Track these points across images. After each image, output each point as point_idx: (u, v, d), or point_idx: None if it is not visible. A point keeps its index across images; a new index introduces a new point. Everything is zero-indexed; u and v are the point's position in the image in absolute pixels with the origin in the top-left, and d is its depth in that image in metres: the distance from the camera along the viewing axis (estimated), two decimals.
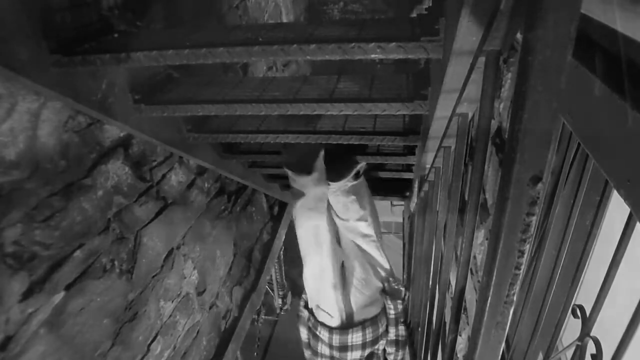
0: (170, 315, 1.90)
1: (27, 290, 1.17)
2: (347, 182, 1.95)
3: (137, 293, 1.65)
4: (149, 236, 1.69)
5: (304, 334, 2.26)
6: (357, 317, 2.10)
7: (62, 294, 1.28)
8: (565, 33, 0.37)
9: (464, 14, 0.60)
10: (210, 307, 2.30)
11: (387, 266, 2.21)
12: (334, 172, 1.93)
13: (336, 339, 2.07)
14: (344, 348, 2.07)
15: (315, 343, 2.17)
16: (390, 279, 2.22)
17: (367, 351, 2.12)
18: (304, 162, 1.87)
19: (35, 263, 1.19)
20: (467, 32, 0.64)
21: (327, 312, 2.12)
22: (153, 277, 1.75)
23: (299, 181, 1.92)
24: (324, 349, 2.13)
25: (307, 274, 2.18)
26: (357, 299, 2.10)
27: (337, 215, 2.08)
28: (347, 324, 2.09)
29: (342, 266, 2.13)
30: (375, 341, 2.11)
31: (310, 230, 2.04)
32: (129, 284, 1.59)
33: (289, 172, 1.93)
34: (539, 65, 0.38)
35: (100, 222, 1.42)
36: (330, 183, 1.93)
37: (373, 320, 2.10)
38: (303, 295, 2.32)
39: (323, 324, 2.12)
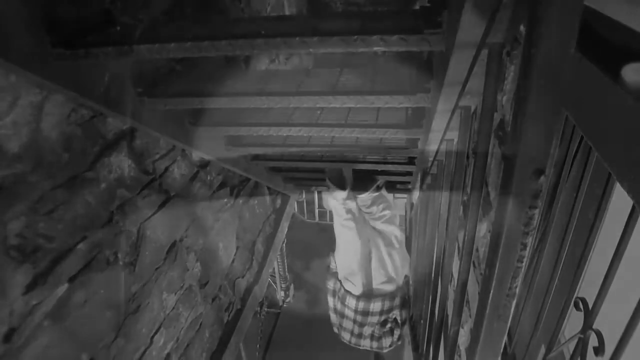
0: (173, 308, 1.91)
1: (30, 282, 1.18)
2: (371, 194, 2.60)
3: (140, 285, 1.66)
4: (152, 229, 1.70)
5: (331, 301, 2.91)
6: (377, 291, 2.70)
7: (65, 286, 1.29)
8: (568, 25, 0.37)
9: (467, 6, 0.60)
10: (213, 300, 2.32)
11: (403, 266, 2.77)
12: (360, 186, 2.59)
13: (360, 305, 2.66)
14: (365, 313, 2.68)
15: (343, 308, 2.77)
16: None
17: (383, 317, 2.71)
18: (339, 179, 2.60)
19: (39, 255, 1.20)
20: (470, 25, 0.64)
21: (354, 284, 2.72)
22: (156, 269, 1.76)
23: (336, 194, 2.60)
24: (349, 313, 2.74)
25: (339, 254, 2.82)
26: (378, 275, 2.68)
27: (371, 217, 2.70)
28: (370, 294, 2.69)
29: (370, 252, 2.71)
30: (389, 310, 2.70)
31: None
32: (132, 277, 1.60)
33: (330, 185, 2.61)
34: (542, 58, 0.38)
35: (103, 215, 1.43)
36: (357, 195, 2.59)
37: (391, 295, 2.68)
38: (330, 270, 2.92)
39: (350, 293, 2.72)
